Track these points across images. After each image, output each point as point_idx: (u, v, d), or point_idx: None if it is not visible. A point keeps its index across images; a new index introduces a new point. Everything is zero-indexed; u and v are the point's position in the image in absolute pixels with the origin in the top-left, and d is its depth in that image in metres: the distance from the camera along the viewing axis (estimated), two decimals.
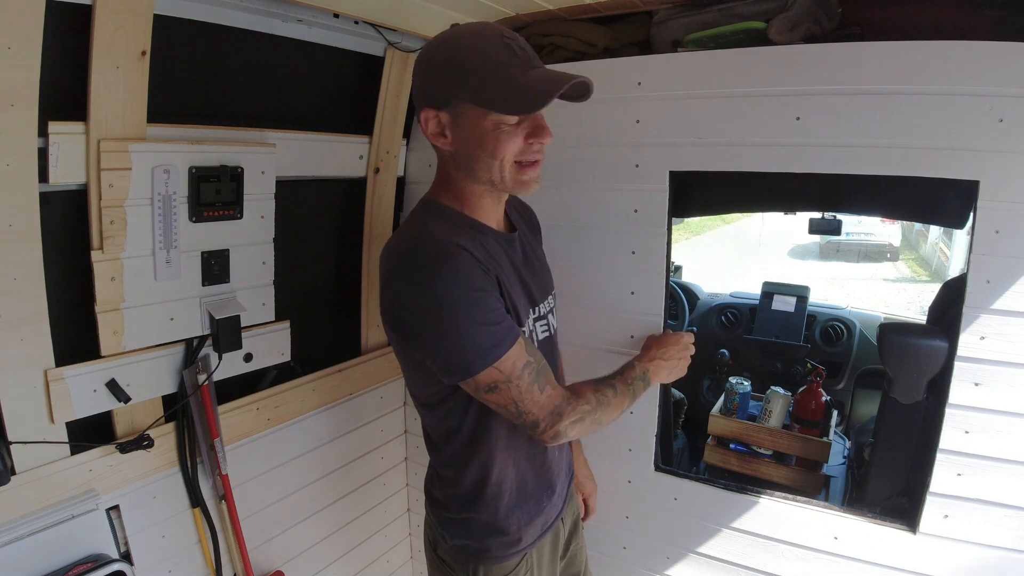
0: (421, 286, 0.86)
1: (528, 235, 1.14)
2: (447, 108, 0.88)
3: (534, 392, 0.92)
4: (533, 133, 0.89)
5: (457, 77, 0.85)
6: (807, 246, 12.55)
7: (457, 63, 0.85)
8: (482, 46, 0.85)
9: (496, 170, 0.91)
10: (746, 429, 1.83)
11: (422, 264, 0.87)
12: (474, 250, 0.90)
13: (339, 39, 1.53)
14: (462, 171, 0.94)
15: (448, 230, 0.92)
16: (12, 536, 1.11)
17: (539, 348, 1.03)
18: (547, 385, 0.95)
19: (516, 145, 0.89)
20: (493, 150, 0.89)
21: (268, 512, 1.63)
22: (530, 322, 1.03)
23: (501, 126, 0.88)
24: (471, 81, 0.85)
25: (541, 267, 1.14)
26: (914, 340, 1.39)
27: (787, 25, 1.33)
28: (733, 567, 1.54)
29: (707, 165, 1.44)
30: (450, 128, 0.90)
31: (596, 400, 1.01)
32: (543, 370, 0.95)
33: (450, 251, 0.87)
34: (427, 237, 0.90)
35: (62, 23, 1.06)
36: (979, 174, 1.19)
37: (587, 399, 1.00)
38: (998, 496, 1.24)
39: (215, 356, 1.40)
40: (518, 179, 0.92)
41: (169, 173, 1.26)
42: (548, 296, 1.12)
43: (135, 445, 1.30)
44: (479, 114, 0.87)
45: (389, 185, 1.83)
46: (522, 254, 1.06)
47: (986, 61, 1.16)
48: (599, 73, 1.55)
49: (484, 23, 0.91)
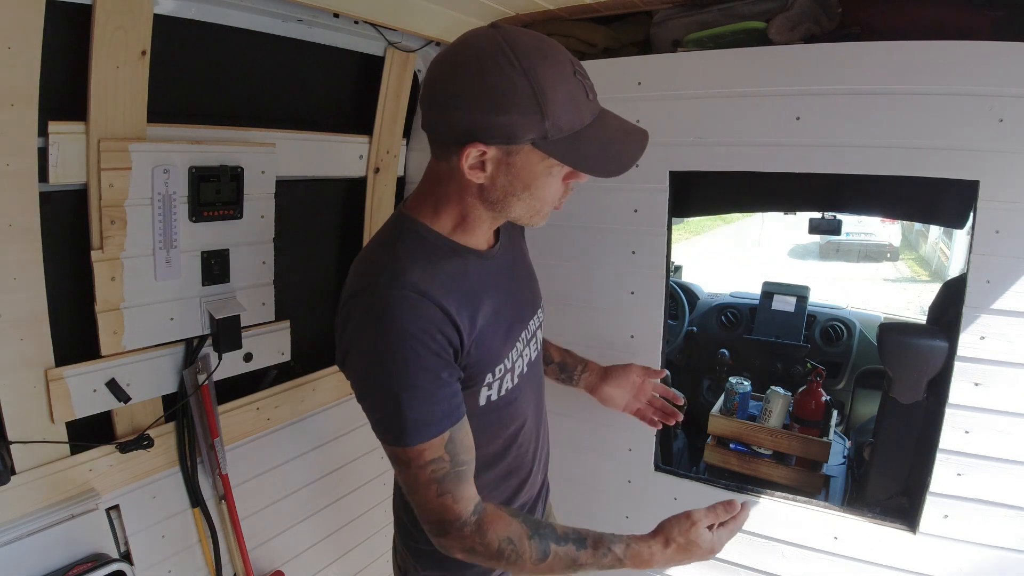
0: (370, 342, 0.78)
1: (512, 244, 1.02)
2: (502, 145, 0.75)
3: (430, 491, 0.80)
4: (572, 175, 0.81)
5: (529, 115, 0.72)
6: (807, 246, 12.55)
7: (530, 98, 0.71)
8: (556, 79, 0.72)
9: (535, 211, 0.83)
10: (746, 429, 1.83)
11: (378, 320, 0.77)
12: (444, 298, 0.79)
13: (339, 39, 1.53)
14: (482, 201, 0.82)
15: (421, 264, 0.80)
16: (12, 536, 1.11)
17: (527, 373, 0.95)
18: (447, 494, 0.80)
19: (559, 188, 0.82)
20: (542, 194, 0.80)
21: (268, 512, 1.63)
22: (520, 346, 0.93)
23: (552, 170, 0.78)
24: (547, 125, 0.73)
25: (528, 276, 1.04)
26: (914, 340, 1.39)
27: (787, 25, 1.33)
28: (733, 567, 1.54)
29: (707, 165, 1.44)
30: (495, 165, 0.77)
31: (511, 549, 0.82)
32: (455, 476, 0.81)
33: (410, 313, 0.76)
34: (391, 280, 0.78)
35: (62, 23, 1.06)
36: (979, 174, 1.19)
37: (490, 541, 0.81)
38: (998, 496, 1.24)
39: (215, 356, 1.40)
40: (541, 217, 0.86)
41: (169, 173, 1.26)
42: (537, 310, 1.02)
43: (135, 445, 1.30)
44: (538, 158, 0.76)
45: (389, 185, 1.83)
46: (508, 267, 0.96)
47: (986, 61, 1.16)
48: (599, 73, 1.54)
49: (542, 39, 0.76)
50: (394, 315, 0.76)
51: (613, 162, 0.77)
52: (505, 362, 0.90)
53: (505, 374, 0.90)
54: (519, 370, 0.94)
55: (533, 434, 1.03)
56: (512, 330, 0.92)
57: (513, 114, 0.72)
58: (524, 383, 0.96)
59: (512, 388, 0.93)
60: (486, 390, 0.88)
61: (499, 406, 0.91)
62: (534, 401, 1.03)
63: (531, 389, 1.00)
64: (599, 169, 0.77)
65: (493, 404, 0.90)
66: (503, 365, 0.89)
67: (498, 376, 0.89)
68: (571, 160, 0.76)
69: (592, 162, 0.76)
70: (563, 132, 0.74)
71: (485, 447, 0.91)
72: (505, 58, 0.71)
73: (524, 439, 1.00)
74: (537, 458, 1.06)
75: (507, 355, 0.90)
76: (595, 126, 0.77)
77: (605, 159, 0.77)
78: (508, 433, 0.96)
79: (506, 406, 0.93)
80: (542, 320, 1.05)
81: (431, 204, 0.86)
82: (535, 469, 1.05)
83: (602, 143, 0.76)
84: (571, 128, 0.74)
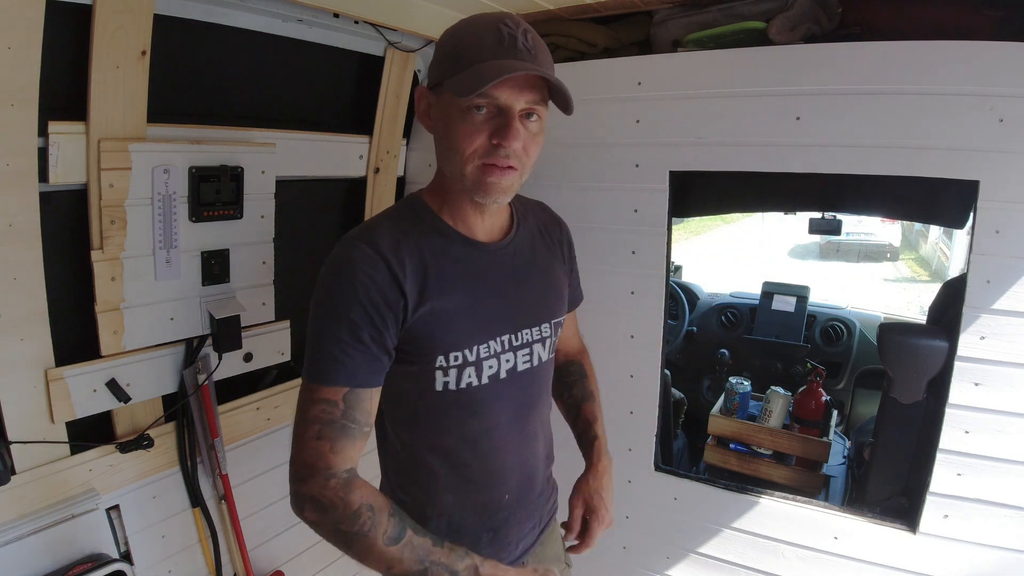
0: (321, 282, 0.83)
1: (534, 251, 0.98)
2: (435, 89, 0.83)
3: (310, 430, 0.80)
4: (497, 132, 0.79)
5: (444, 57, 0.82)
6: (807, 246, 12.55)
7: (452, 46, 0.81)
8: (477, 31, 0.80)
9: (456, 164, 0.81)
10: (746, 429, 1.83)
11: (333, 265, 0.83)
12: (400, 262, 0.81)
13: (339, 39, 1.53)
14: (441, 162, 0.87)
15: (395, 232, 0.84)
16: (12, 536, 1.11)
17: (507, 381, 0.91)
18: (327, 440, 0.78)
19: (478, 142, 0.79)
20: (454, 141, 0.80)
21: (268, 512, 1.63)
22: (497, 347, 0.89)
23: (468, 116, 0.79)
24: (449, 63, 0.80)
25: (542, 287, 0.98)
26: (914, 340, 1.39)
27: (787, 25, 1.33)
28: (733, 567, 1.54)
29: (707, 165, 1.45)
30: (434, 110, 0.84)
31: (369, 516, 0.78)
32: (341, 428, 0.79)
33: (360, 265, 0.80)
34: (360, 236, 0.83)
35: (62, 23, 1.06)
36: (979, 174, 1.19)
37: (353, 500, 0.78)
38: (998, 496, 1.24)
39: (215, 356, 1.40)
40: (480, 179, 0.81)
41: (169, 173, 1.26)
42: (542, 323, 0.96)
43: (135, 445, 1.30)
44: (450, 98, 0.80)
45: (389, 185, 1.83)
46: (511, 267, 0.92)
47: (986, 61, 1.16)
48: (599, 73, 1.55)
49: (502, 12, 0.85)
50: (344, 263, 0.81)
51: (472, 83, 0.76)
52: (466, 352, 0.87)
53: (466, 366, 0.87)
54: (492, 371, 0.89)
55: (507, 449, 0.95)
56: (486, 327, 0.89)
57: (437, 57, 0.84)
58: (501, 389, 0.91)
59: (478, 386, 0.89)
60: (441, 374, 0.86)
61: (459, 399, 0.89)
62: (517, 418, 0.95)
63: (512, 402, 0.93)
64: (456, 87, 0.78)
65: (453, 394, 0.88)
66: (461, 354, 0.86)
67: (454, 363, 0.86)
68: (447, 84, 0.79)
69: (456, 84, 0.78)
70: (459, 69, 0.78)
71: (435, 434, 0.91)
72: (456, 24, 0.83)
73: (489, 450, 0.93)
74: (506, 483, 0.96)
75: (471, 347, 0.87)
76: (487, 63, 0.77)
77: (467, 82, 0.76)
78: (467, 432, 0.91)
79: (469, 402, 0.89)
80: (548, 336, 0.97)
81: (433, 182, 0.92)
82: (507, 495, 0.97)
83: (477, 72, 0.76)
84: (466, 65, 0.78)
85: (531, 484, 1.01)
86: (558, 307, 1.00)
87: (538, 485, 1.03)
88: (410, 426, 0.92)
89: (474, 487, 0.95)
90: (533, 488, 1.02)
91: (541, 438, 1.03)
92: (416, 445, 0.92)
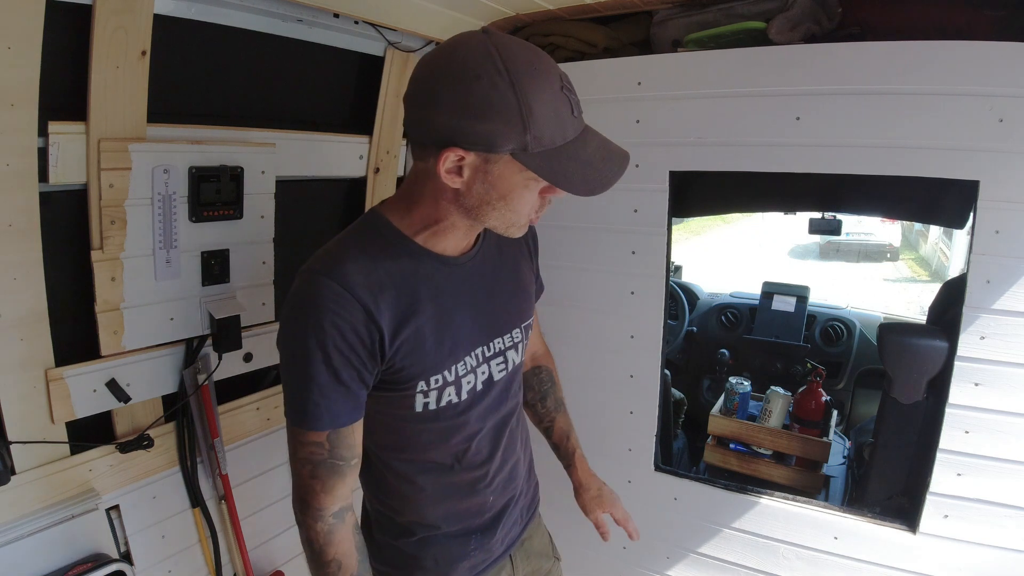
0: (289, 327, 0.80)
1: (501, 252, 0.97)
2: (481, 153, 0.74)
3: (304, 470, 0.83)
4: (550, 190, 0.80)
5: (511, 126, 0.71)
6: (807, 246, 12.56)
7: (514, 109, 0.71)
8: (542, 93, 0.72)
9: (510, 222, 0.81)
10: (746, 429, 1.83)
11: (300, 306, 0.79)
12: (371, 296, 0.79)
13: (339, 39, 1.53)
14: (457, 207, 0.81)
15: (363, 259, 0.81)
16: (12, 536, 1.12)
17: (484, 391, 0.92)
18: (318, 479, 0.82)
19: (535, 201, 0.81)
20: (517, 206, 0.79)
21: (268, 512, 1.63)
22: (472, 362, 0.90)
23: (530, 183, 0.77)
24: (528, 138, 0.72)
25: (511, 292, 0.98)
26: (914, 340, 1.39)
27: (787, 25, 1.33)
28: (733, 567, 1.54)
29: (707, 165, 1.45)
30: (473, 172, 0.76)
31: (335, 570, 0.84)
32: (329, 466, 0.83)
33: (329, 306, 0.77)
34: (326, 267, 0.79)
35: (62, 23, 1.06)
36: (979, 174, 1.19)
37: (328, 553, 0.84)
38: (998, 496, 1.24)
39: (215, 356, 1.40)
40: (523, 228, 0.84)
41: (169, 173, 1.26)
42: (514, 329, 0.97)
43: (135, 445, 1.30)
44: (516, 169, 0.75)
45: (389, 185, 1.83)
46: (480, 278, 0.92)
47: (986, 61, 1.16)
48: (599, 73, 1.55)
49: (533, 50, 0.76)
50: (314, 304, 0.78)
51: (591, 181, 0.76)
52: (445, 374, 0.87)
53: (446, 387, 0.87)
54: (469, 385, 0.90)
55: (489, 454, 0.96)
56: (462, 344, 0.89)
57: (495, 123, 0.71)
58: (479, 400, 0.92)
59: (457, 403, 0.89)
60: (421, 397, 0.86)
61: (440, 415, 0.89)
62: (496, 423, 0.96)
63: (490, 409, 0.94)
64: (576, 187, 0.76)
65: (432, 413, 0.88)
66: (441, 376, 0.86)
67: (434, 386, 0.86)
68: (549, 175, 0.75)
69: (570, 179, 0.75)
70: (544, 146, 0.73)
71: (423, 452, 0.92)
72: (493, 66, 0.71)
73: (471, 459, 0.94)
74: (490, 486, 0.97)
75: (449, 368, 0.87)
76: (577, 143, 0.76)
77: (583, 177, 0.76)
78: (448, 445, 0.92)
79: (449, 417, 0.90)
80: (519, 341, 0.98)
81: (405, 203, 0.85)
82: (491, 497, 0.99)
83: (582, 161, 0.76)
84: (552, 143, 0.74)
85: (514, 482, 1.03)
86: (527, 308, 1.02)
87: (520, 482, 1.05)
88: (393, 447, 0.92)
89: (459, 496, 0.96)
90: (516, 485, 1.04)
91: (519, 436, 1.04)
92: (400, 464, 0.93)
